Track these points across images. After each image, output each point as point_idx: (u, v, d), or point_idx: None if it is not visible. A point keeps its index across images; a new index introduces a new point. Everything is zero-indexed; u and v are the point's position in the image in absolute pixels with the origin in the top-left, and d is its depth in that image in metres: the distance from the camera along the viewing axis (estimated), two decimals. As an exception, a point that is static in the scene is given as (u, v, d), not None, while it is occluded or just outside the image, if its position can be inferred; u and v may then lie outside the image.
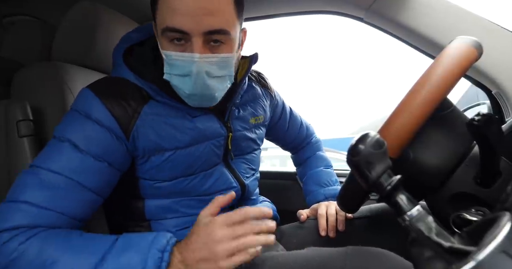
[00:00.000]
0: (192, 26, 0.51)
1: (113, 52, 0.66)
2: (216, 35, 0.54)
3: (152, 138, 0.59)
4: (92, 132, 0.55)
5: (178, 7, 0.51)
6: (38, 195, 0.50)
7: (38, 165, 0.52)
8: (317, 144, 1.01)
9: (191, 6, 0.50)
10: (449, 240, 0.29)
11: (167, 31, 0.53)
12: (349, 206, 0.61)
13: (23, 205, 0.49)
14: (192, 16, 0.51)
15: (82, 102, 0.57)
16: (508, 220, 0.24)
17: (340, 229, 0.74)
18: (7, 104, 0.73)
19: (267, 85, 0.83)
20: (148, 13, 0.60)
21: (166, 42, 0.55)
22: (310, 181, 0.92)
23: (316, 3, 1.01)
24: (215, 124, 0.65)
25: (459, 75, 0.44)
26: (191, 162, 0.63)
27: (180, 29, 0.52)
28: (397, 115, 0.44)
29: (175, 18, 0.51)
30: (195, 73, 0.54)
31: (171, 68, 0.56)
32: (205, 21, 0.51)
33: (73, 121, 0.56)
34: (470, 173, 0.48)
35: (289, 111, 0.94)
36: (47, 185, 0.50)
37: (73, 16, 0.85)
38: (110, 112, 0.56)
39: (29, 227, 0.48)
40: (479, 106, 0.94)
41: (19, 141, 0.71)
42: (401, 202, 0.32)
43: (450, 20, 0.83)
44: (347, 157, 0.35)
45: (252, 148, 0.76)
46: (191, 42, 0.53)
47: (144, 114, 0.59)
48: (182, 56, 0.54)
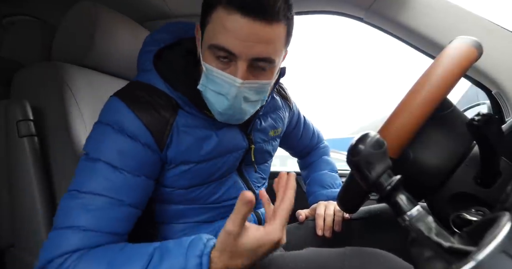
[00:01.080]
0: (242, 50, 0.50)
1: (139, 55, 0.65)
2: (261, 62, 0.53)
3: (182, 149, 0.59)
4: (126, 147, 0.54)
5: (232, 29, 0.49)
6: (84, 218, 0.50)
7: (78, 189, 0.52)
8: (324, 149, 1.03)
9: (245, 31, 0.49)
10: (449, 240, 0.29)
11: (215, 48, 0.52)
12: (349, 206, 0.61)
13: (69, 230, 0.50)
14: (244, 40, 0.50)
15: (113, 113, 0.56)
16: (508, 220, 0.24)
17: (336, 230, 0.74)
18: (7, 104, 0.73)
19: (287, 96, 0.84)
20: (148, 13, 0.60)
21: (210, 56, 0.54)
22: (313, 183, 0.92)
23: (316, 3, 1.01)
24: (238, 137, 0.66)
25: (459, 75, 0.44)
26: (211, 173, 0.64)
27: (230, 50, 0.51)
28: (397, 115, 0.44)
29: (227, 39, 0.50)
30: (233, 96, 0.54)
31: (208, 81, 0.55)
32: (255, 48, 0.51)
33: (105, 138, 0.55)
34: (470, 173, 0.48)
35: (303, 120, 0.95)
36: (89, 208, 0.51)
37: (73, 16, 0.86)
38: (143, 124, 0.55)
39: (79, 250, 0.49)
40: (479, 106, 0.94)
41: (19, 141, 0.71)
42: (401, 202, 0.32)
43: (450, 20, 0.83)
44: (347, 157, 0.34)
45: (266, 160, 0.78)
46: (235, 64, 0.52)
47: (176, 126, 0.58)
48: (224, 76, 0.53)
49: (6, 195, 0.73)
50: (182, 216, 0.65)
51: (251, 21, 0.49)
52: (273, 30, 0.51)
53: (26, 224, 0.70)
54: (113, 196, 0.52)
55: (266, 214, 0.50)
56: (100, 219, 0.51)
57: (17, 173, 0.71)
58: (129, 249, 0.50)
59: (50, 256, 0.49)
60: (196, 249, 0.46)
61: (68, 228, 0.50)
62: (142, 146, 0.55)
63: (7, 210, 0.73)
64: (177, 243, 0.49)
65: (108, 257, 0.48)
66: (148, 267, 0.46)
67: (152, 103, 0.57)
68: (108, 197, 0.52)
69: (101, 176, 0.52)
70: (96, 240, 0.50)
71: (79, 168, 0.55)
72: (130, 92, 0.59)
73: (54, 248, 0.49)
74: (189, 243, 0.47)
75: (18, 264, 0.72)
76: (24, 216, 0.71)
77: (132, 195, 0.54)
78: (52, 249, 0.49)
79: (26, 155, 0.71)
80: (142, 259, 0.47)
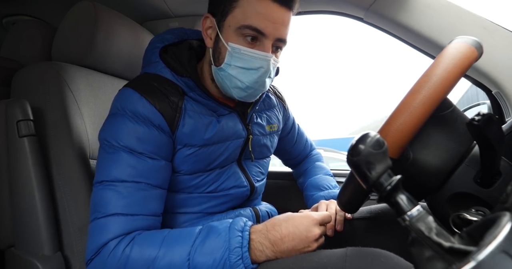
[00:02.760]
0: (271, 30, 0.60)
1: (146, 52, 0.71)
2: (280, 43, 0.63)
3: (187, 132, 0.63)
4: (142, 133, 0.59)
5: (264, 12, 0.59)
6: (120, 205, 0.55)
7: (106, 179, 0.57)
8: (317, 156, 1.06)
9: (275, 15, 0.59)
10: (449, 240, 0.29)
11: (247, 28, 0.59)
12: (349, 206, 0.60)
13: (112, 217, 0.55)
14: (273, 22, 0.59)
15: (127, 102, 0.60)
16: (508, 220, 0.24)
17: (338, 229, 0.74)
18: (7, 104, 0.73)
19: (282, 98, 0.90)
20: (148, 13, 0.60)
21: (236, 37, 0.61)
22: (310, 187, 0.94)
23: (316, 3, 1.01)
24: (238, 125, 0.71)
25: (459, 75, 0.44)
26: (213, 159, 0.68)
27: (261, 31, 0.59)
28: (397, 115, 0.44)
29: (259, 20, 0.59)
30: (265, 69, 0.62)
31: (234, 60, 0.61)
32: (280, 29, 0.61)
33: (122, 126, 0.59)
34: (470, 173, 0.48)
35: (297, 128, 1.00)
36: (123, 195, 0.56)
37: (73, 16, 0.86)
38: (156, 109, 0.60)
39: (125, 234, 0.55)
40: (479, 106, 0.94)
41: (19, 141, 0.71)
42: (401, 202, 0.32)
43: (450, 20, 0.83)
44: (347, 157, 0.34)
45: (265, 155, 0.82)
46: (261, 43, 0.61)
47: (184, 110, 0.63)
48: (254, 52, 0.61)
49: (6, 195, 0.73)
50: (184, 206, 0.68)
51: (278, 6, 0.59)
52: (290, 16, 0.62)
53: (26, 224, 0.70)
54: (140, 180, 0.57)
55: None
56: (136, 203, 0.56)
57: (17, 173, 0.71)
58: (176, 231, 0.57)
59: (101, 241, 0.53)
60: (238, 224, 0.55)
61: (111, 216, 0.55)
62: (157, 130, 0.60)
63: (7, 210, 0.73)
64: (220, 222, 0.57)
65: (160, 237, 0.55)
66: (196, 240, 0.53)
67: (162, 90, 0.62)
68: (136, 182, 0.57)
69: (124, 163, 0.57)
70: (140, 223, 0.56)
71: (101, 158, 0.59)
72: (141, 82, 0.63)
73: (104, 234, 0.54)
74: (232, 221, 0.56)
75: (18, 264, 0.71)
76: (24, 216, 0.70)
77: (156, 177, 0.59)
78: (102, 235, 0.54)
79: (26, 155, 0.71)
80: (192, 236, 0.54)
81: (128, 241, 0.54)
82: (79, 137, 0.76)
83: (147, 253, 0.53)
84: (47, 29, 0.96)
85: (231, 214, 0.70)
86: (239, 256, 0.52)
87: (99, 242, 0.53)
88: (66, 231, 0.72)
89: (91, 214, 0.57)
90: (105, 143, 0.59)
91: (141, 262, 0.52)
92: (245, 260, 0.52)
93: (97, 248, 0.53)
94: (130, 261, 0.52)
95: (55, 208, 0.72)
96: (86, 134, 0.79)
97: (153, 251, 0.53)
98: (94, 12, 0.83)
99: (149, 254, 0.52)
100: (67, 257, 0.71)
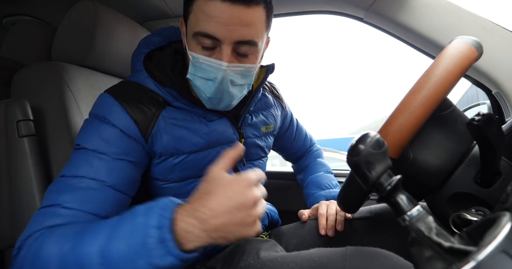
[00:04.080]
0: (225, 34, 0.53)
1: (132, 56, 0.68)
2: (245, 45, 0.55)
3: (170, 141, 0.61)
4: (111, 136, 0.56)
5: (214, 14, 0.52)
6: (66, 197, 0.51)
7: (64, 174, 0.54)
8: (317, 152, 1.05)
9: (227, 15, 0.51)
10: (449, 240, 0.29)
11: (199, 35, 0.54)
12: (349, 206, 0.61)
13: (51, 208, 0.50)
14: (226, 25, 0.52)
15: (101, 106, 0.59)
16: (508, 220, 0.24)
17: (338, 229, 0.74)
18: (7, 104, 0.73)
19: (279, 96, 0.87)
20: (148, 13, 0.60)
21: (195, 45, 0.56)
22: (310, 185, 0.93)
23: (316, 3, 1.01)
24: (228, 130, 0.68)
25: (459, 75, 0.44)
26: (203, 166, 0.65)
27: (213, 36, 0.53)
28: (397, 115, 0.44)
29: (209, 24, 0.52)
30: (219, 80, 0.56)
31: (196, 70, 0.57)
32: (237, 31, 0.53)
33: (91, 128, 0.57)
34: (470, 173, 0.48)
35: (295, 123, 0.98)
36: (74, 188, 0.52)
37: (73, 16, 0.85)
38: (129, 116, 0.57)
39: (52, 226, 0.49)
40: (479, 106, 0.94)
41: (19, 141, 0.71)
42: (401, 202, 0.32)
43: (450, 20, 0.83)
44: (347, 157, 0.34)
45: (260, 156, 0.79)
46: (220, 49, 0.55)
47: (162, 118, 0.60)
48: (210, 61, 0.55)
49: (6, 195, 0.73)
50: None
51: (230, 5, 0.51)
52: (253, 12, 0.53)
53: (26, 224, 0.70)
54: (94, 177, 0.53)
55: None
56: (82, 198, 0.51)
57: (17, 173, 0.71)
58: (99, 221, 0.48)
59: (29, 231, 0.48)
60: (160, 203, 0.43)
61: (50, 207, 0.50)
62: (127, 136, 0.57)
63: (7, 210, 0.73)
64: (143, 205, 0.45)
65: (77, 228, 0.47)
66: (111, 225, 0.44)
67: (139, 98, 0.60)
68: (89, 179, 0.52)
69: (85, 161, 0.54)
70: (77, 219, 0.50)
71: (70, 158, 0.57)
72: (120, 88, 0.61)
73: (35, 224, 0.49)
74: (153, 203, 0.44)
75: (18, 264, 0.71)
76: (24, 216, 0.70)
77: (113, 177, 0.54)
78: (33, 225, 0.49)
79: (26, 155, 0.71)
80: (107, 225, 0.45)
81: (49, 232, 0.47)
82: (79, 137, 0.76)
83: (60, 243, 0.45)
84: (47, 29, 0.96)
85: None
86: (157, 238, 0.40)
87: (27, 233, 0.49)
88: (66, 231, 0.72)
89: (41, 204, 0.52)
90: (77, 143, 0.57)
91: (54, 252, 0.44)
92: (168, 243, 0.39)
93: (23, 238, 0.48)
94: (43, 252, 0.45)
95: (55, 208, 0.72)
96: (86, 134, 0.78)
97: (67, 242, 0.44)
98: (94, 12, 0.83)
99: (62, 244, 0.44)
100: (67, 257, 0.71)
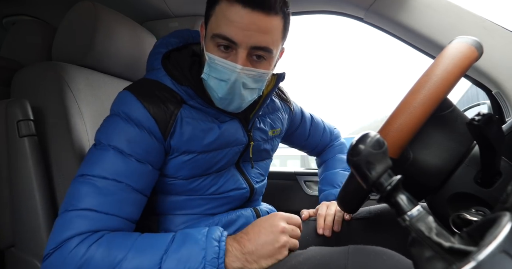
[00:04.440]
0: (242, 38, 0.56)
1: (150, 56, 0.70)
2: (260, 51, 0.58)
3: (184, 139, 0.62)
4: (133, 135, 0.58)
5: (234, 19, 0.55)
6: (95, 201, 0.53)
7: (88, 173, 0.55)
8: (340, 147, 1.03)
9: (246, 21, 0.55)
10: (449, 240, 0.29)
11: (218, 37, 0.57)
12: (349, 206, 0.61)
13: (83, 212, 0.52)
14: (244, 29, 0.55)
15: (123, 105, 0.60)
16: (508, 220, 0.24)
17: (335, 229, 0.75)
18: (7, 104, 0.73)
19: (287, 99, 0.88)
20: (148, 13, 0.60)
21: (213, 46, 0.59)
22: (324, 181, 0.94)
23: (316, 3, 1.01)
24: (239, 132, 0.70)
25: (459, 75, 0.44)
26: (211, 165, 0.67)
27: (231, 39, 0.56)
28: (397, 115, 0.44)
29: (229, 28, 0.56)
30: (232, 81, 0.58)
31: (211, 70, 0.60)
32: (254, 36, 0.56)
33: (115, 126, 0.59)
34: (470, 173, 0.48)
35: (309, 119, 0.97)
36: (101, 191, 0.53)
37: (73, 16, 0.86)
38: (150, 114, 0.59)
39: (93, 231, 0.51)
40: (479, 106, 0.94)
41: (19, 141, 0.71)
42: (401, 202, 0.32)
43: (450, 20, 0.83)
44: (347, 157, 0.34)
45: (264, 158, 0.81)
46: (236, 52, 0.58)
47: (180, 116, 0.62)
48: (225, 63, 0.58)
49: (6, 195, 0.73)
50: (183, 208, 0.67)
51: (250, 12, 0.55)
52: (271, 21, 0.56)
53: (27, 224, 0.70)
54: (122, 180, 0.55)
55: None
56: (113, 203, 0.54)
57: (18, 173, 0.71)
58: (148, 235, 0.54)
59: (65, 235, 0.50)
60: (215, 234, 0.53)
61: (82, 210, 0.52)
62: (148, 134, 0.59)
63: (7, 210, 0.73)
64: (196, 229, 0.55)
65: (130, 239, 0.52)
66: (171, 246, 0.51)
67: (158, 96, 0.62)
68: (117, 181, 0.55)
69: (110, 161, 0.56)
70: (112, 224, 0.53)
71: (88, 155, 0.58)
72: (140, 86, 0.63)
73: (70, 228, 0.50)
74: (208, 229, 0.55)
75: (19, 264, 0.71)
76: (24, 216, 0.70)
77: (138, 181, 0.57)
78: (67, 229, 0.50)
79: (26, 155, 0.71)
80: (165, 241, 0.52)
81: (95, 239, 0.50)
82: (79, 137, 0.76)
83: (113, 254, 0.49)
84: (47, 29, 0.96)
85: (231, 215, 0.70)
86: (215, 267, 0.50)
87: (62, 236, 0.50)
88: (66, 231, 0.72)
89: (62, 206, 0.54)
90: (97, 142, 0.59)
91: (105, 264, 0.49)
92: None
93: (58, 242, 0.50)
94: (93, 261, 0.49)
95: (55, 208, 0.72)
96: (86, 134, 0.78)
97: (120, 253, 0.50)
98: (94, 12, 0.83)
99: (115, 256, 0.49)
100: (67, 257, 0.71)
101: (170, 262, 0.49)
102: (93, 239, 0.50)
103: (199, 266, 0.50)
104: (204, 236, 0.53)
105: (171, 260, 0.50)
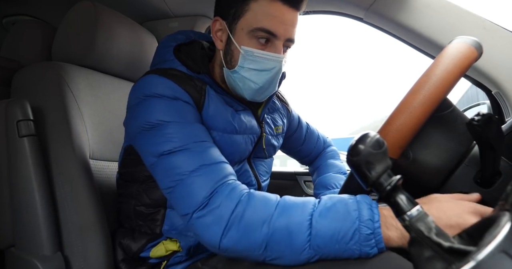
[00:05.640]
0: (282, 32, 0.62)
1: (158, 49, 0.73)
2: (290, 42, 0.66)
3: (211, 114, 0.65)
4: (179, 106, 0.60)
5: (275, 14, 0.61)
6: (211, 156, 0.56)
7: (169, 149, 0.55)
8: (331, 153, 1.05)
9: (286, 17, 0.62)
10: (449, 240, 0.29)
11: (259, 30, 0.62)
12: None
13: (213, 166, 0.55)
14: (284, 24, 0.62)
15: (153, 86, 0.61)
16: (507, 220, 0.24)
17: None
18: (7, 104, 0.73)
19: (285, 100, 0.92)
20: (148, 13, 0.60)
21: (249, 40, 0.63)
22: (318, 186, 0.94)
23: (316, 3, 1.01)
24: (253, 121, 0.73)
25: (459, 75, 0.44)
26: (231, 150, 0.67)
27: (273, 32, 0.62)
28: (397, 115, 0.44)
29: (271, 22, 0.61)
30: (276, 70, 0.64)
31: (247, 62, 0.63)
32: (290, 30, 0.64)
33: (157, 105, 0.59)
34: (469, 173, 0.48)
35: (305, 126, 1.00)
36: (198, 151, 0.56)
37: (73, 16, 0.86)
38: (183, 89, 0.62)
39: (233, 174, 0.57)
40: (479, 106, 0.94)
41: (19, 141, 0.71)
42: (400, 202, 0.32)
43: (450, 20, 0.83)
44: (347, 157, 0.34)
45: (271, 154, 0.83)
46: (273, 44, 0.63)
47: (207, 93, 0.65)
48: (267, 54, 0.63)
49: (6, 195, 0.73)
50: None
51: (288, 8, 0.62)
52: (297, 16, 0.65)
53: (27, 224, 0.70)
54: (197, 140, 0.57)
55: None
56: (215, 154, 0.58)
57: (17, 173, 0.71)
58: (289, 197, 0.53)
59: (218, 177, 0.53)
60: (366, 198, 0.49)
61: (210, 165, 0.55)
62: (189, 105, 0.62)
63: (7, 210, 0.73)
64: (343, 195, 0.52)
65: (272, 198, 0.53)
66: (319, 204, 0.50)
67: (184, 77, 0.64)
68: (201, 141, 0.58)
69: (179, 132, 0.57)
70: (231, 170, 0.57)
71: (149, 137, 0.58)
72: (162, 70, 0.65)
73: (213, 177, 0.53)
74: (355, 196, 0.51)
75: (18, 264, 0.71)
76: (24, 216, 0.70)
77: (207, 136, 0.61)
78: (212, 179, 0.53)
79: (26, 155, 0.71)
80: (311, 201, 0.51)
81: (243, 187, 0.54)
82: (79, 137, 0.76)
83: (262, 209, 0.49)
84: (47, 29, 0.96)
85: None
86: (371, 229, 0.45)
87: (216, 179, 0.53)
88: (66, 231, 0.72)
89: (169, 181, 0.54)
90: (145, 127, 0.58)
91: (259, 214, 0.49)
92: (377, 236, 0.46)
93: (212, 188, 0.51)
94: (250, 206, 0.50)
95: (55, 208, 0.72)
96: (86, 134, 0.78)
97: (268, 209, 0.49)
98: (94, 12, 0.83)
99: (265, 210, 0.49)
100: (67, 257, 0.71)
101: (321, 218, 0.47)
102: (242, 186, 0.54)
103: (353, 225, 0.46)
104: (354, 198, 0.50)
105: (323, 216, 0.48)
